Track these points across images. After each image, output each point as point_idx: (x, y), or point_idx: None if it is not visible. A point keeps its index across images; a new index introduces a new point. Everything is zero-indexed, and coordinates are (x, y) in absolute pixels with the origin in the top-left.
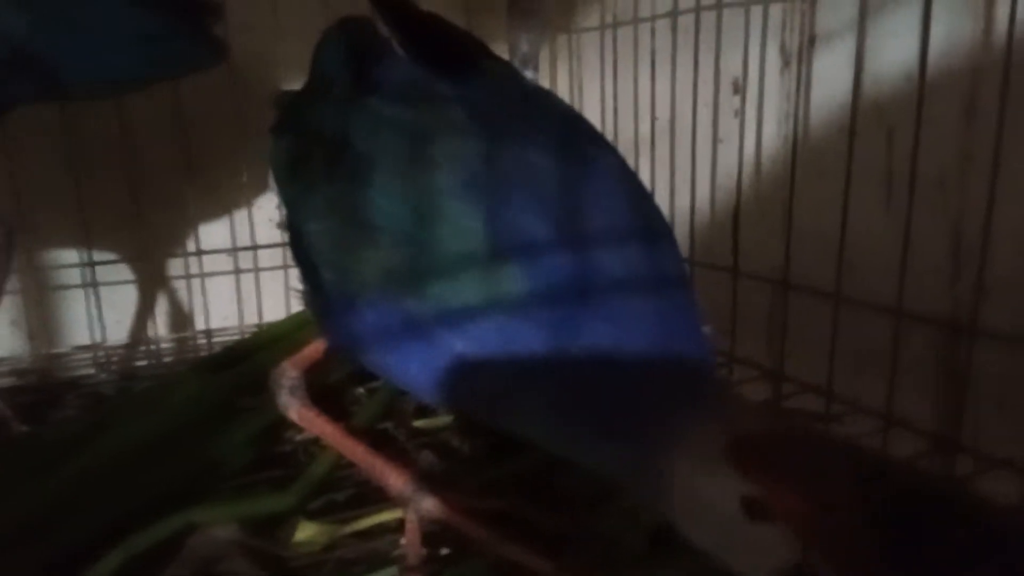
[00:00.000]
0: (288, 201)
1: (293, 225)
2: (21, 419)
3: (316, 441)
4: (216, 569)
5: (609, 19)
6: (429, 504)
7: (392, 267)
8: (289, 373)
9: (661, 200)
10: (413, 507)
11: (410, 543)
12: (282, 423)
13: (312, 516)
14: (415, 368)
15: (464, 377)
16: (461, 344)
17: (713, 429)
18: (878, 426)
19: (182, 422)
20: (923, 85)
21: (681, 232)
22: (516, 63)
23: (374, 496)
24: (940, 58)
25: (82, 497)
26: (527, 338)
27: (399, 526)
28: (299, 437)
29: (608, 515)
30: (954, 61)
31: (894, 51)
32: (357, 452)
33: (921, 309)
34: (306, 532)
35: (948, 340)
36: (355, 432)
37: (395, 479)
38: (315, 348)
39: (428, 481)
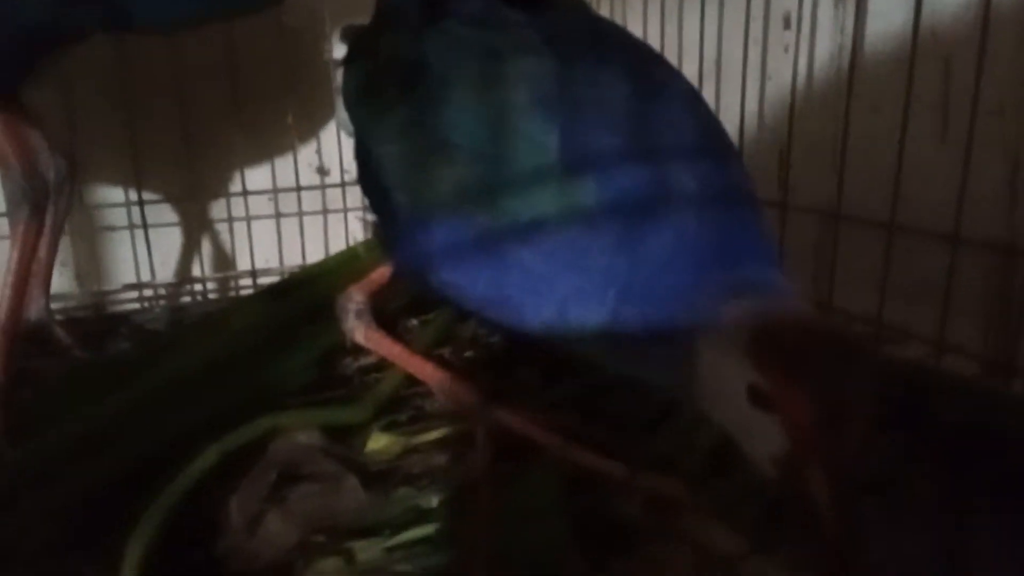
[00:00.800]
0: (360, 126)
1: (363, 150)
2: (79, 347)
3: (375, 367)
4: (301, 469)
5: None
6: (498, 415)
7: (466, 183)
8: (356, 297)
9: None
10: (482, 419)
11: (480, 453)
12: (339, 349)
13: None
14: (483, 284)
15: (531, 291)
16: (530, 257)
17: (744, 320)
18: (930, 352)
19: (245, 344)
20: (988, 9)
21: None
22: None
23: (437, 414)
24: None
25: (155, 410)
26: (595, 251)
27: (466, 440)
28: (357, 363)
29: (663, 437)
30: None
31: None
32: (426, 370)
33: (977, 237)
34: (379, 443)
35: (1004, 266)
36: (418, 354)
37: (464, 393)
38: (381, 273)
39: (494, 395)
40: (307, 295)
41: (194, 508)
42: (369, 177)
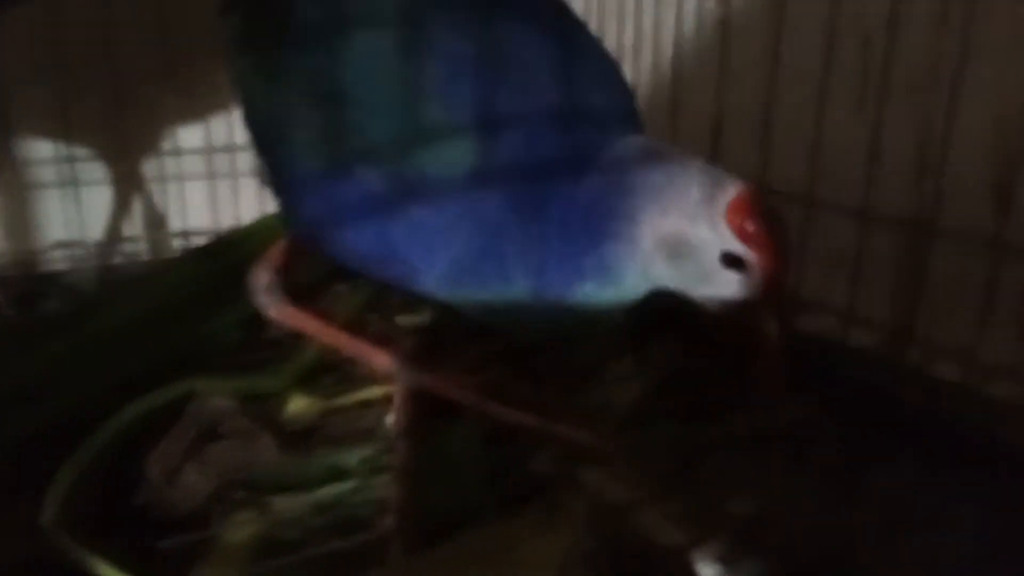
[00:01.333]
0: (245, 80)
1: (250, 101)
2: (8, 306)
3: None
4: (219, 429)
5: None
6: (416, 376)
7: (359, 138)
8: (262, 274)
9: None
10: (400, 380)
11: (398, 413)
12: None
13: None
14: (375, 242)
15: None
16: (422, 213)
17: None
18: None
19: (174, 303)
20: None
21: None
22: None
23: (360, 378)
24: None
25: (82, 366)
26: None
27: (385, 402)
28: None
29: (587, 394)
30: None
31: None
32: (341, 339)
33: (888, 211)
34: (298, 405)
35: (910, 239)
36: (337, 323)
37: (381, 357)
38: (281, 246)
39: (413, 357)
40: (237, 257)
41: (116, 463)
42: (256, 127)
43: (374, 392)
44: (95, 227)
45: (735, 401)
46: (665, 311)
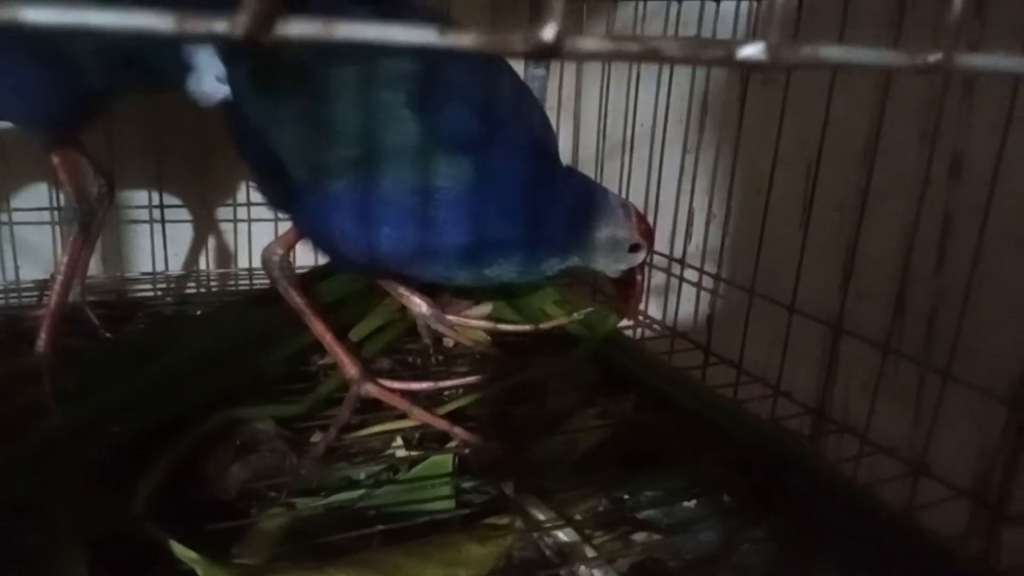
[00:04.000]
0: (255, 112)
1: (255, 131)
2: (105, 329)
3: (333, 366)
4: (259, 446)
5: (611, 32)
6: (368, 387)
7: (364, 157)
8: (277, 250)
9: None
10: (356, 386)
11: (344, 409)
12: (311, 347)
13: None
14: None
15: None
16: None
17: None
18: (768, 393)
19: (233, 342)
20: (823, 138)
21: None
22: (531, 61)
23: (371, 410)
24: (848, 112)
25: (154, 394)
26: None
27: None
28: (322, 361)
29: (556, 436)
30: (857, 116)
31: (817, 104)
32: (325, 337)
33: (815, 309)
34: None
35: (831, 335)
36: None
37: (348, 365)
38: (296, 231)
39: (372, 372)
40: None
41: (183, 464)
42: (259, 152)
43: (385, 427)
44: (176, 261)
45: (668, 452)
46: (622, 374)
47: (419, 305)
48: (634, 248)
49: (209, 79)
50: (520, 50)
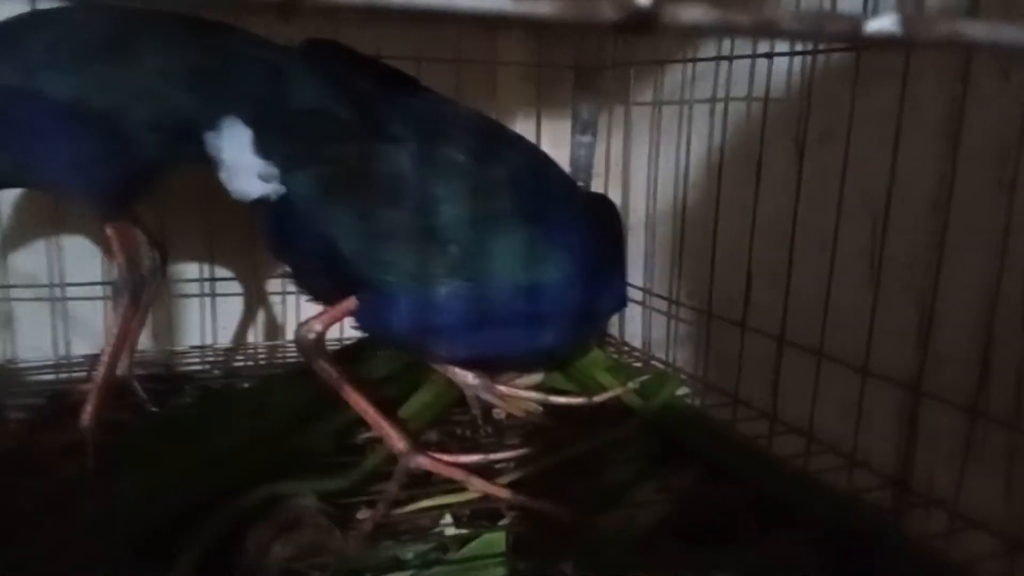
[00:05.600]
0: (323, 219)
1: (321, 235)
2: (153, 403)
3: (379, 440)
4: (301, 524)
5: (659, 97)
6: (419, 460)
7: (456, 262)
8: (315, 327)
9: (692, 259)
10: (405, 459)
11: (392, 483)
12: (358, 422)
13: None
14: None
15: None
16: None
17: None
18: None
19: (280, 416)
20: (892, 186)
21: (701, 286)
22: (577, 128)
23: (420, 485)
24: (913, 164)
25: (197, 470)
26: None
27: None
28: (368, 435)
29: (613, 512)
30: (923, 167)
31: (877, 158)
32: (369, 412)
33: (889, 369)
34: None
35: (909, 397)
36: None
37: (395, 439)
38: (342, 310)
39: (419, 444)
40: None
41: (225, 540)
42: (311, 257)
43: (435, 501)
44: (224, 334)
45: (736, 530)
46: (682, 445)
47: (466, 376)
48: None
49: (248, 176)
50: (610, 19)
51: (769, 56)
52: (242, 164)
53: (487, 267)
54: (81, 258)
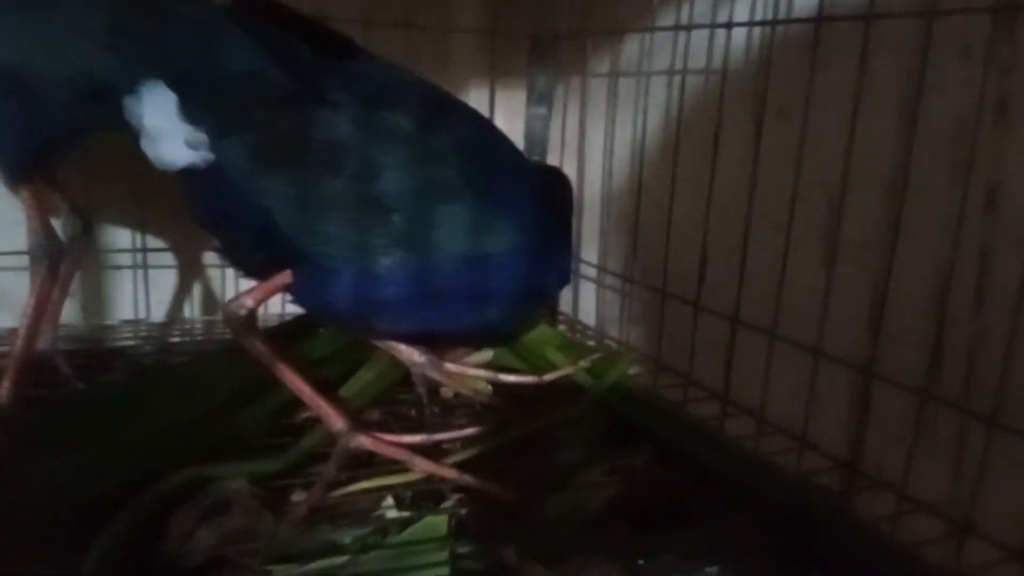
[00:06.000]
0: (257, 188)
1: (255, 206)
2: (78, 379)
3: (318, 419)
4: (229, 508)
5: (616, 68)
6: (360, 439)
7: (399, 232)
8: (246, 303)
9: (647, 235)
10: (345, 439)
11: (332, 463)
12: (296, 401)
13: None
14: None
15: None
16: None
17: None
18: (792, 446)
19: (214, 395)
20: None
21: (657, 264)
22: (533, 99)
23: (361, 466)
24: (871, 143)
25: (121, 450)
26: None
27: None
28: (306, 414)
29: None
30: (881, 147)
31: (834, 136)
32: (305, 391)
33: (841, 351)
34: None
35: (861, 379)
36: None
37: (334, 417)
38: (274, 285)
39: (360, 423)
40: None
41: (144, 525)
42: (244, 230)
43: (375, 482)
44: (159, 308)
45: (686, 512)
46: (633, 426)
47: (412, 353)
48: None
49: (173, 144)
50: None
51: (728, 26)
52: (166, 130)
53: (431, 238)
54: (3, 226)
